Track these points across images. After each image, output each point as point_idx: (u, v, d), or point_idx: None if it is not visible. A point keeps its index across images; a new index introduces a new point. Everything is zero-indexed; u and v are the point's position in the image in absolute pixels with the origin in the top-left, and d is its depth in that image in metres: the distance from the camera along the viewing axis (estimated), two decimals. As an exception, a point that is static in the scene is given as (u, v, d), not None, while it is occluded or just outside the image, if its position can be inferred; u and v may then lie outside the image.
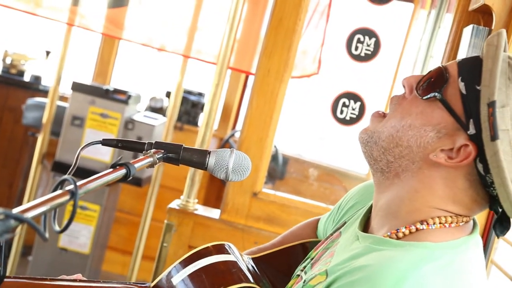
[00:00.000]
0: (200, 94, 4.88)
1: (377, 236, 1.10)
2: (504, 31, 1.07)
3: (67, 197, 0.89)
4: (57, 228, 0.91)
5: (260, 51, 2.50)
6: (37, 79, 4.73)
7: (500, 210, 1.08)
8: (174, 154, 1.27)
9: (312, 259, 1.26)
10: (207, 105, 2.61)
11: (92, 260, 3.69)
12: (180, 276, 1.24)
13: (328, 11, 3.54)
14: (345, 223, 1.29)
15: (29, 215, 0.79)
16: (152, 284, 1.26)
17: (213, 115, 2.61)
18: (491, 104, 1.00)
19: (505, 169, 1.00)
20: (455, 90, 1.07)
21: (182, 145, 1.29)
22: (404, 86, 1.15)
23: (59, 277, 1.31)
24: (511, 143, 1.02)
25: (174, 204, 2.54)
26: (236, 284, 1.23)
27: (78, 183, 0.91)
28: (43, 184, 4.09)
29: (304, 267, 1.25)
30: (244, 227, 2.50)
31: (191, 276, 1.24)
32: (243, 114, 2.53)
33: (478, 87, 1.04)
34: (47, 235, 0.84)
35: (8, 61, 4.72)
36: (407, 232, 1.07)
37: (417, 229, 1.07)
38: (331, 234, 1.30)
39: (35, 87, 4.66)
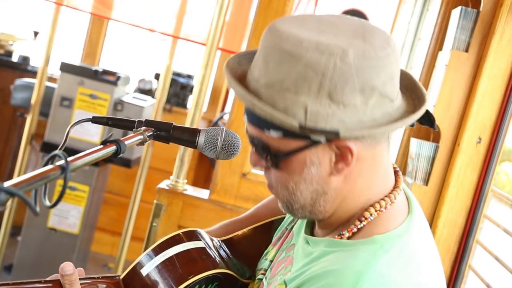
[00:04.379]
0: (189, 77, 4.87)
1: (329, 238, 1.11)
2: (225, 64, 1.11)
3: (57, 172, 0.89)
4: (47, 203, 0.90)
5: (249, 33, 2.50)
6: (25, 59, 4.71)
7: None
8: (164, 132, 1.26)
9: (271, 261, 1.25)
10: (197, 86, 2.61)
11: (81, 240, 3.70)
12: (150, 266, 1.22)
13: (317, -7, 3.53)
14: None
15: (20, 189, 0.79)
16: (122, 276, 1.23)
17: (203, 97, 2.62)
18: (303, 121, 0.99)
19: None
20: (272, 139, 1.04)
21: (172, 123, 1.28)
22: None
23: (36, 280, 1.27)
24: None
25: (164, 184, 2.55)
26: (207, 271, 1.21)
27: (69, 159, 0.91)
28: (32, 165, 4.09)
29: (265, 270, 1.25)
30: (233, 207, 2.51)
31: (162, 265, 1.21)
32: (232, 97, 2.54)
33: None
34: (38, 209, 0.84)
35: (-4, 41, 4.69)
36: (350, 234, 1.08)
37: (358, 229, 1.07)
38: (286, 229, 1.30)
39: (23, 68, 4.63)
